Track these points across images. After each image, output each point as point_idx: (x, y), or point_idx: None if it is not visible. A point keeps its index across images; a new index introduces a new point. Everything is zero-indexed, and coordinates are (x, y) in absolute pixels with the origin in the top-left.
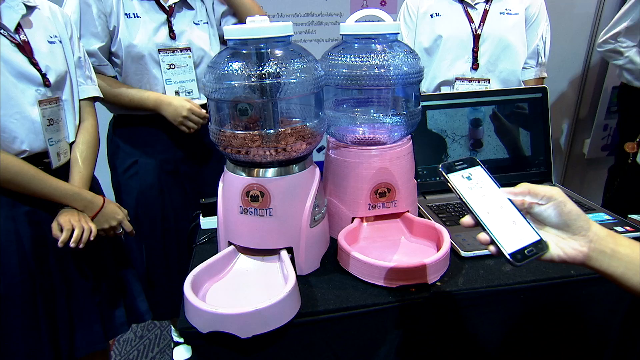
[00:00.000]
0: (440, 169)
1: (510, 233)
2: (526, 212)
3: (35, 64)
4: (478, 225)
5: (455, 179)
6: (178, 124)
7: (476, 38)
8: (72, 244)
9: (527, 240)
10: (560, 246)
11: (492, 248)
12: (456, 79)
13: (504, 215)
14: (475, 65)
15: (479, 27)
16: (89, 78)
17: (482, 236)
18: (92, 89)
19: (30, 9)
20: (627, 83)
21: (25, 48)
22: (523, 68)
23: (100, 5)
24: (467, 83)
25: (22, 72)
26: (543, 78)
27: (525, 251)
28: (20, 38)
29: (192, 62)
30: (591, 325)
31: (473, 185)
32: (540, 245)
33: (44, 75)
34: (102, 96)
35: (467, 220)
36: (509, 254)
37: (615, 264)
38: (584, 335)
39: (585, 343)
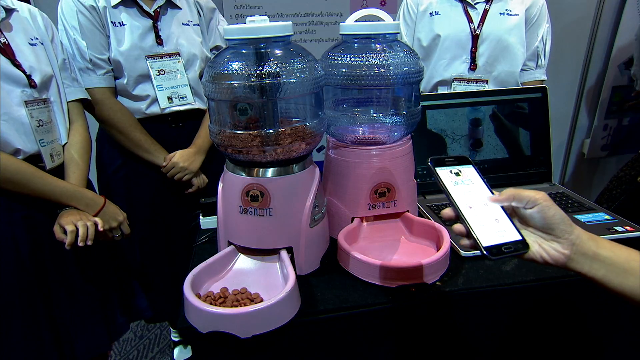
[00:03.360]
0: (429, 162)
1: (490, 228)
2: (512, 212)
3: (18, 66)
4: (458, 218)
5: (442, 173)
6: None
7: (475, 38)
8: (80, 243)
9: (508, 238)
10: (543, 247)
11: (465, 241)
12: (454, 79)
13: (487, 212)
14: (473, 66)
15: (478, 27)
16: (75, 80)
17: (458, 227)
18: (79, 91)
19: (9, 12)
20: None
21: (6, 50)
22: (522, 70)
23: (96, 16)
24: (465, 84)
25: (6, 73)
26: (542, 80)
27: (503, 247)
28: (0, 41)
29: (182, 67)
30: (592, 325)
31: (460, 181)
32: (520, 245)
33: (28, 77)
34: (89, 98)
35: (447, 212)
36: (485, 247)
37: (597, 266)
38: (585, 335)
39: (586, 342)
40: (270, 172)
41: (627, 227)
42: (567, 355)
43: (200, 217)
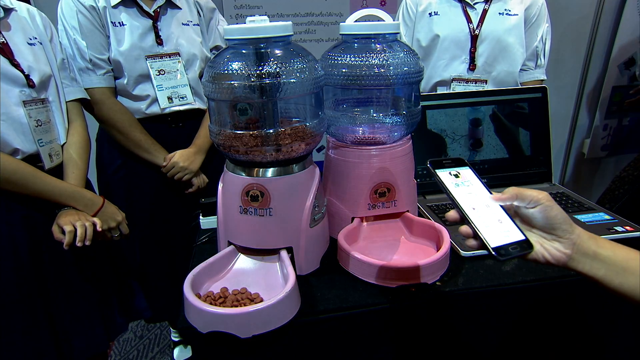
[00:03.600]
0: (428, 165)
1: (495, 229)
2: (513, 213)
3: (16, 65)
4: (463, 219)
5: (443, 175)
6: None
7: (474, 38)
8: (78, 244)
9: (512, 239)
10: (545, 247)
11: (472, 242)
12: (453, 79)
13: (490, 213)
14: (472, 66)
15: (477, 27)
16: (74, 80)
17: (465, 229)
18: (78, 91)
19: (7, 11)
20: None
21: (4, 50)
22: (521, 70)
23: (96, 16)
24: (464, 84)
25: (4, 73)
26: (542, 80)
27: (510, 248)
28: None
29: (182, 67)
30: (591, 325)
31: (460, 183)
32: (524, 245)
33: (27, 76)
34: (88, 98)
35: (452, 214)
36: (493, 248)
37: (597, 265)
38: (585, 335)
39: (586, 342)
40: (270, 172)
41: (627, 227)
42: (567, 355)
43: (200, 217)
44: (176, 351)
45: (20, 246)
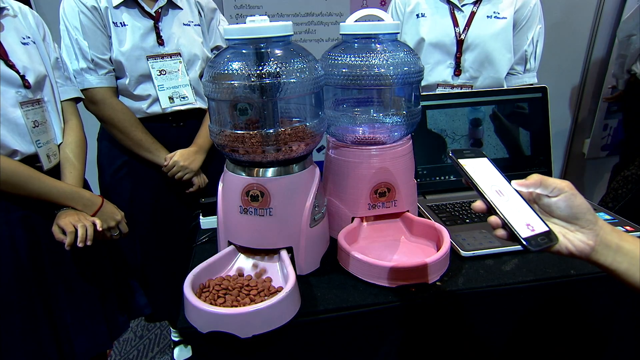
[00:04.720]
0: (450, 155)
1: (521, 220)
2: (533, 202)
3: (12, 66)
4: (490, 210)
5: (466, 165)
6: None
7: (459, 43)
8: (79, 244)
9: (538, 230)
10: (568, 238)
11: (501, 232)
12: (438, 85)
13: (514, 204)
14: (457, 72)
15: (463, 31)
16: (68, 79)
17: (494, 219)
18: (72, 90)
19: None
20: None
21: None
22: (509, 74)
23: (98, 16)
24: (449, 90)
25: (0, 74)
26: (531, 84)
27: (538, 238)
28: None
29: (183, 67)
30: (591, 325)
31: (482, 173)
32: (550, 236)
33: (22, 77)
34: (83, 97)
35: (478, 205)
36: (524, 239)
37: (620, 259)
38: (585, 335)
39: (586, 342)
40: (270, 172)
41: (627, 227)
42: (567, 355)
43: (200, 217)
44: (176, 351)
45: (20, 246)
